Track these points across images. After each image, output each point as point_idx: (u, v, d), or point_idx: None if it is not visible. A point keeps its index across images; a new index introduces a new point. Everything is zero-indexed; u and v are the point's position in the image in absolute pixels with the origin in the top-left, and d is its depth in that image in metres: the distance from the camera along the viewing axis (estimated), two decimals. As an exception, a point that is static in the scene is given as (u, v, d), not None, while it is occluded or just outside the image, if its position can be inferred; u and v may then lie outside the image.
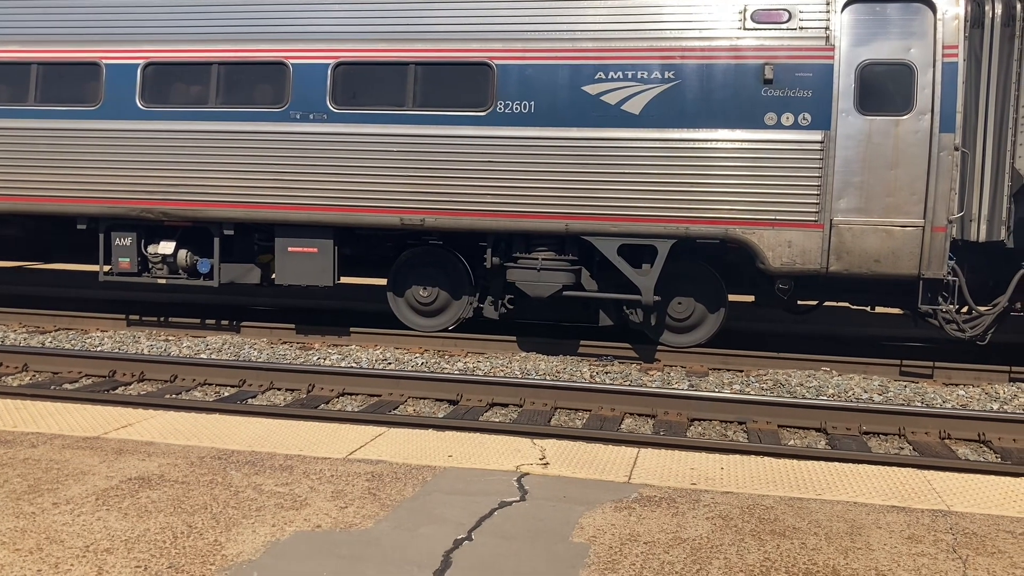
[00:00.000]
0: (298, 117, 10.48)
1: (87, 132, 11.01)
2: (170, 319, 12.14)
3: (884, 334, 12.03)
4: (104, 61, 10.98)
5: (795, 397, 8.75)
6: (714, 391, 8.88)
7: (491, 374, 9.62)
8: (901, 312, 10.59)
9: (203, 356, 10.27)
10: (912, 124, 9.31)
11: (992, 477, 5.46)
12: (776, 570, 3.96)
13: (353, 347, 10.83)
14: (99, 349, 10.60)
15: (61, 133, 11.08)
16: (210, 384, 9.12)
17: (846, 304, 10.68)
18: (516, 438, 6.13)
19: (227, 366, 9.19)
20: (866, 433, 7.81)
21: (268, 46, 10.57)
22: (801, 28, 9.47)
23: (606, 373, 9.80)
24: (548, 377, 9.50)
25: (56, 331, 11.72)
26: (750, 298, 10.95)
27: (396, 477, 5.12)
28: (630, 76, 9.76)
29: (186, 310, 12.83)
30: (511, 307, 10.94)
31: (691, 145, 9.66)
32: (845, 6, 9.40)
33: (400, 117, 10.27)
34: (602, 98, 9.81)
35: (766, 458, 5.81)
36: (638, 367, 10.18)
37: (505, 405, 8.52)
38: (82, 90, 11.12)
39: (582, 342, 10.90)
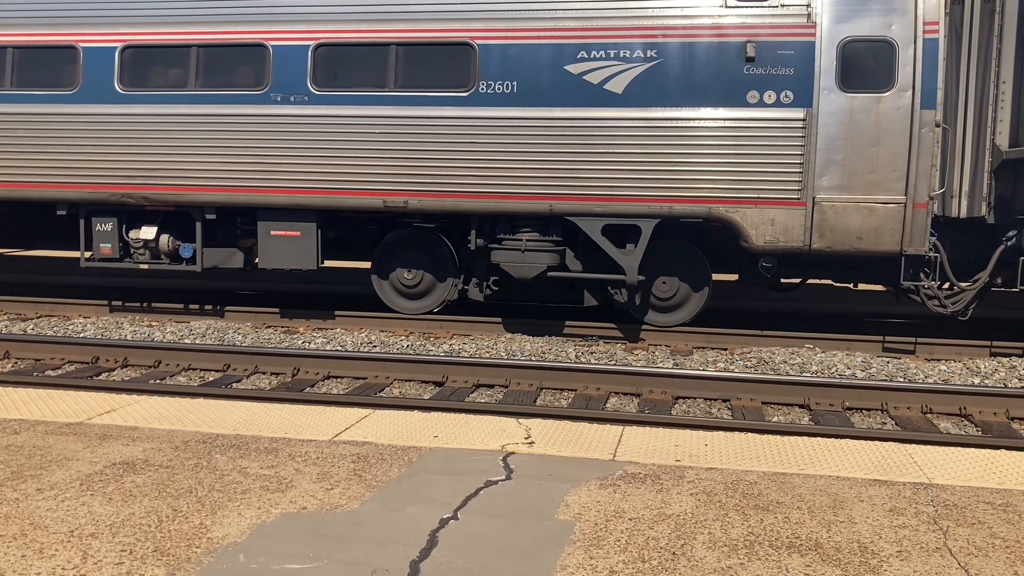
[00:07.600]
0: (279, 99, 10.40)
1: (65, 116, 10.89)
2: (153, 304, 12.08)
3: (867, 311, 12.11)
4: (81, 44, 10.84)
5: (779, 374, 8.80)
6: (698, 369, 8.93)
7: (477, 356, 9.63)
8: (883, 289, 10.66)
9: (187, 341, 10.22)
10: (893, 101, 9.33)
11: (972, 450, 5.51)
12: (760, 544, 3.99)
13: (338, 330, 10.81)
14: (82, 335, 10.54)
15: (39, 118, 10.96)
16: (194, 369, 9.09)
17: (829, 281, 10.74)
18: (502, 418, 6.14)
19: (211, 351, 9.16)
20: (849, 409, 7.87)
21: (248, 28, 10.47)
22: (783, 5, 9.46)
23: (591, 353, 9.82)
24: (533, 358, 9.52)
25: (38, 318, 11.64)
26: (734, 277, 10.99)
27: (382, 458, 5.12)
28: (612, 55, 9.73)
29: (169, 295, 12.76)
30: (496, 289, 10.94)
31: (674, 124, 9.66)
32: (827, -18, 9.40)
33: (382, 99, 10.21)
34: (585, 77, 9.79)
35: (750, 434, 5.84)
36: (623, 346, 10.20)
37: (491, 386, 8.54)
38: (59, 74, 11.00)
39: (567, 323, 10.92)
